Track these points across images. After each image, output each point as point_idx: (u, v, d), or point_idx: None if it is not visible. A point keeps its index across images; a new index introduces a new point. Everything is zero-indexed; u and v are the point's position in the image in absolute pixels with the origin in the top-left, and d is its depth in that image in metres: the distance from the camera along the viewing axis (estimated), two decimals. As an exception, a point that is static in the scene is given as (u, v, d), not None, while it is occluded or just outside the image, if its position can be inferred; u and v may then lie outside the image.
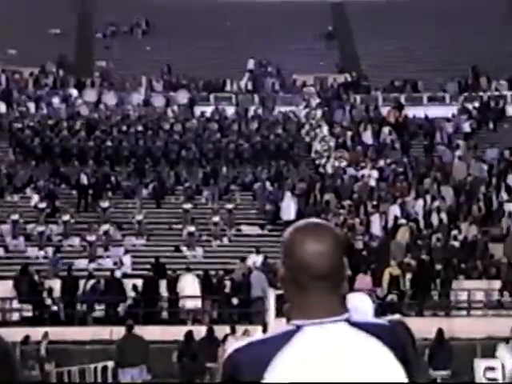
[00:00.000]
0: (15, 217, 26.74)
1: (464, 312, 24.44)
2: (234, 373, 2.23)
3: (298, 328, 2.23)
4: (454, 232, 26.40)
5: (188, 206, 27.91)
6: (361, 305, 4.71)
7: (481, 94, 36.24)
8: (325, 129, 33.61)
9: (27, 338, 20.35)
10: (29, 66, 37.03)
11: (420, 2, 41.51)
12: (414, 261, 24.81)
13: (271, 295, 22.30)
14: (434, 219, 27.34)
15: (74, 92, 35.89)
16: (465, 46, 38.68)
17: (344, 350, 2.22)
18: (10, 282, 23.38)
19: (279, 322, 16.80)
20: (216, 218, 27.19)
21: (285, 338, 2.22)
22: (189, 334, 19.70)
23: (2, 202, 28.30)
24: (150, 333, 19.32)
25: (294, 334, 2.22)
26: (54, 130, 32.42)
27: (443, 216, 27.29)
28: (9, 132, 32.54)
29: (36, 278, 23.60)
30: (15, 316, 23.04)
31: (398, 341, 2.30)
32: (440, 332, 19.04)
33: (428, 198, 28.22)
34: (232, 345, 2.33)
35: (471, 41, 38.76)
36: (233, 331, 19.62)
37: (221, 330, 20.06)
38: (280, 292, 22.74)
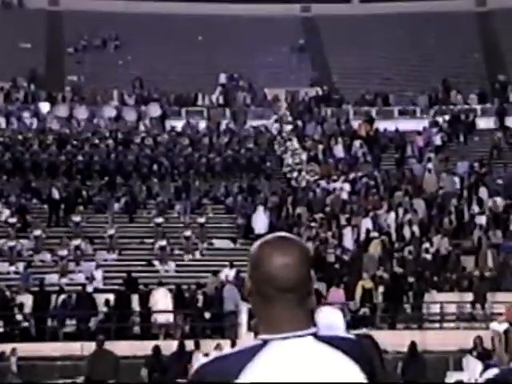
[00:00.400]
0: (-15, 232, 26.50)
1: (436, 325, 24.52)
2: None
3: (265, 343, 2.23)
4: (426, 245, 26.53)
5: (160, 220, 27.83)
6: (332, 319, 4.70)
7: (451, 107, 36.58)
8: (296, 142, 33.73)
9: (2, 354, 20.12)
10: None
11: (391, 15, 41.90)
12: (386, 274, 24.88)
13: (244, 309, 22.27)
14: (406, 232, 27.46)
15: (45, 106, 35.72)
16: (435, 60, 39.07)
17: (310, 364, 2.22)
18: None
19: (251, 335, 16.77)
20: (188, 232, 27.13)
21: (251, 352, 2.22)
22: (156, 349, 19.57)
23: (-29, 218, 28.01)
24: (122, 348, 19.18)
25: (260, 349, 2.22)
26: (24, 145, 32.23)
27: (415, 229, 27.42)
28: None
29: (7, 293, 23.34)
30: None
31: (364, 355, 2.30)
32: (413, 345, 19.06)
33: (400, 211, 28.33)
34: (198, 360, 2.31)
35: (441, 54, 39.15)
36: (197, 347, 19.55)
37: (193, 345, 19.96)
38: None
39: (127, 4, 42.92)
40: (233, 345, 18.11)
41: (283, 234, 2.31)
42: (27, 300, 23.27)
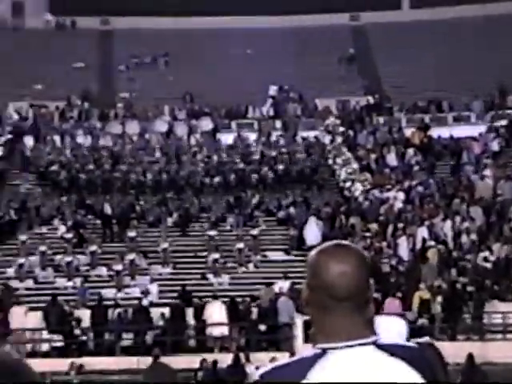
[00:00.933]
0: (43, 248, 26.87)
1: (499, 335, 23.93)
2: None
3: (324, 352, 2.19)
4: (485, 253, 26.00)
5: (213, 233, 27.89)
6: (395, 327, 4.58)
7: (508, 112, 35.93)
8: (348, 152, 33.55)
9: (81, 366, 20.31)
10: (54, 100, 37.46)
11: (441, 21, 41.50)
12: (444, 283, 24.47)
13: (299, 321, 22.14)
14: (464, 240, 26.99)
15: (98, 124, 36.20)
16: (489, 64, 38.49)
17: (371, 373, 2.17)
18: (40, 313, 23.41)
19: (307, 347, 16.63)
20: (240, 245, 27.12)
21: (310, 361, 2.18)
22: (205, 362, 19.58)
23: (30, 234, 28.46)
24: (178, 361, 19.20)
25: (319, 358, 2.19)
26: (79, 162, 32.66)
27: (473, 237, 26.92)
28: (36, 166, 32.85)
29: (66, 308, 23.61)
30: (45, 347, 23.04)
31: (427, 364, 2.24)
32: (470, 357, 18.65)
33: (457, 218, 27.83)
34: (252, 373, 2.24)
35: (496, 58, 38.57)
36: (247, 360, 19.54)
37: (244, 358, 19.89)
38: (308, 318, 22.52)
39: (176, 20, 43.33)
40: (291, 356, 17.99)
41: (341, 241, 2.31)
42: (85, 314, 23.50)
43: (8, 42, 41.72)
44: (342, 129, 35.51)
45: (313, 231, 27.55)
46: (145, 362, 18.37)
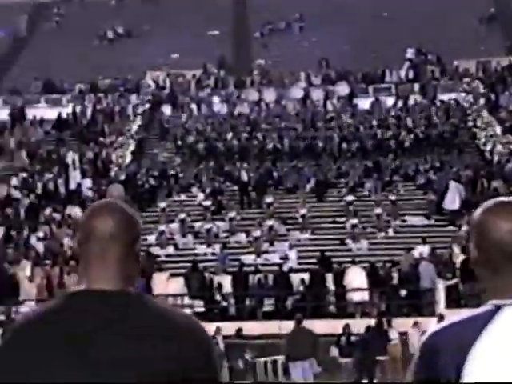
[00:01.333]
0: (183, 215, 27.49)
1: None
2: (433, 355, 2.16)
3: (498, 308, 2.15)
4: None
5: (350, 198, 27.74)
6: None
7: None
8: (490, 114, 32.50)
9: (240, 330, 20.79)
10: (191, 68, 38.09)
11: None
12: None
13: (441, 286, 21.79)
14: None
15: (235, 91, 36.56)
16: None
17: None
18: (182, 279, 24.02)
19: (450, 313, 16.36)
20: (378, 210, 26.86)
21: (485, 318, 2.15)
22: (348, 328, 19.58)
23: (170, 202, 29.19)
24: (318, 326, 19.28)
25: (494, 315, 2.15)
26: (216, 130, 33.13)
27: None
28: (173, 134, 33.58)
29: (207, 274, 24.10)
30: (187, 312, 23.57)
31: None
32: None
33: None
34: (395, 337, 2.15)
35: None
36: (389, 325, 19.41)
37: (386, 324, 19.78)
38: (450, 283, 22.15)
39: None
40: (440, 320, 17.74)
41: (506, 198, 2.29)
42: (225, 280, 23.94)
43: (144, 13, 42.72)
44: (482, 90, 34.42)
45: (453, 195, 26.93)
46: (286, 326, 18.55)
